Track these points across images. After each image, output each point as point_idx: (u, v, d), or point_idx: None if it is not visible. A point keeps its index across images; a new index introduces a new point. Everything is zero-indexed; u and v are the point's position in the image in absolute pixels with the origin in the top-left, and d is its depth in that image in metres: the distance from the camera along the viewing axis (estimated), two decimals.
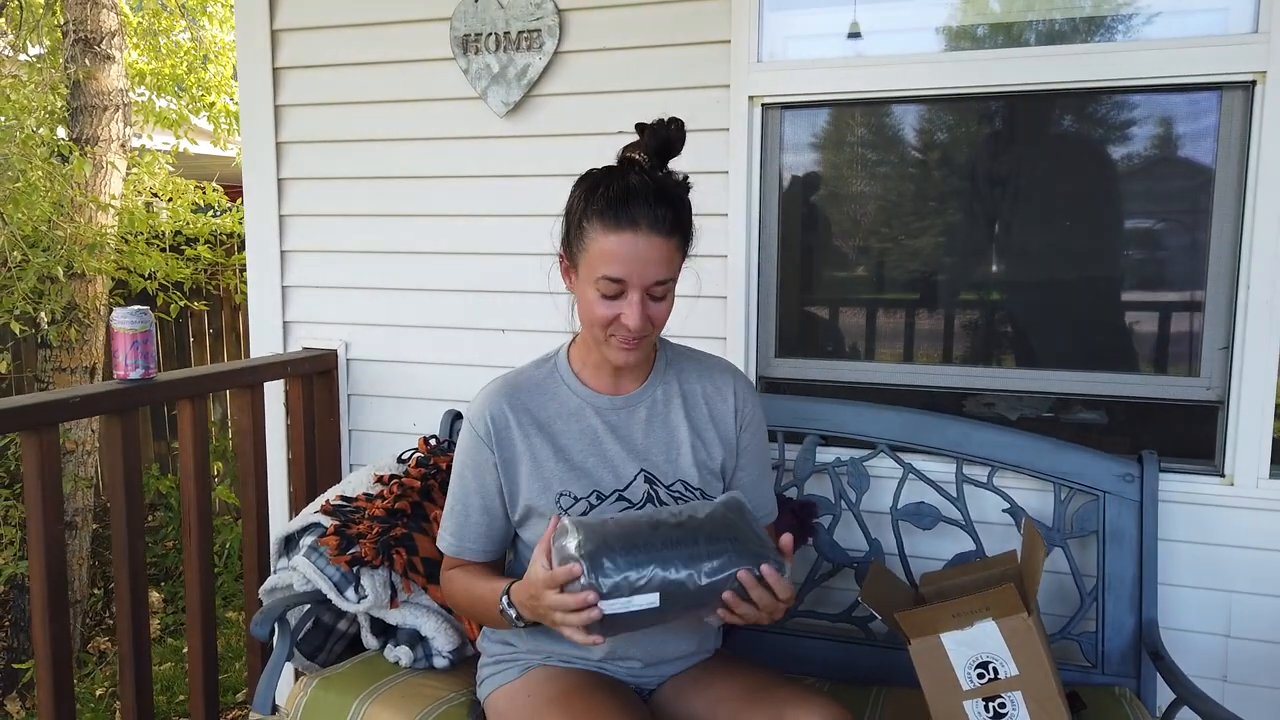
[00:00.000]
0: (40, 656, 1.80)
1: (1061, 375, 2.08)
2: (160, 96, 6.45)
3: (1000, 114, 2.10)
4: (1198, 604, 1.97)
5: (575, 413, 1.51)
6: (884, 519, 2.06)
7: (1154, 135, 2.01)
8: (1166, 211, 2.04)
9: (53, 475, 1.77)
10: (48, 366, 5.01)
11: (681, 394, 1.55)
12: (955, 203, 2.15)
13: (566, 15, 2.26)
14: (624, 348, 1.41)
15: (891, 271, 2.22)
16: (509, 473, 1.49)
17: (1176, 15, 1.94)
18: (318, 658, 1.94)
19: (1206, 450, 2.01)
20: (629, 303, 1.37)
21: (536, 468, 1.48)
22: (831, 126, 2.21)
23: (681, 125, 1.43)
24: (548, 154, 2.33)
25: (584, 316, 1.44)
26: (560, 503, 1.47)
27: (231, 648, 4.48)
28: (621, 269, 1.35)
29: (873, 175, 2.19)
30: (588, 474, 1.49)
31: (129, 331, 1.94)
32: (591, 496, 1.48)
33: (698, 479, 1.52)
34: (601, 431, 1.51)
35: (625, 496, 1.49)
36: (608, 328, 1.40)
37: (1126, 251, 2.07)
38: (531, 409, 1.51)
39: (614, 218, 1.35)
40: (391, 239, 2.49)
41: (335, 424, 2.54)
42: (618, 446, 1.51)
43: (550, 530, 1.28)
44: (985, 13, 2.08)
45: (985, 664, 1.50)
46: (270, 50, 2.50)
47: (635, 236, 1.34)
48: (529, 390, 1.53)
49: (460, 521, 1.53)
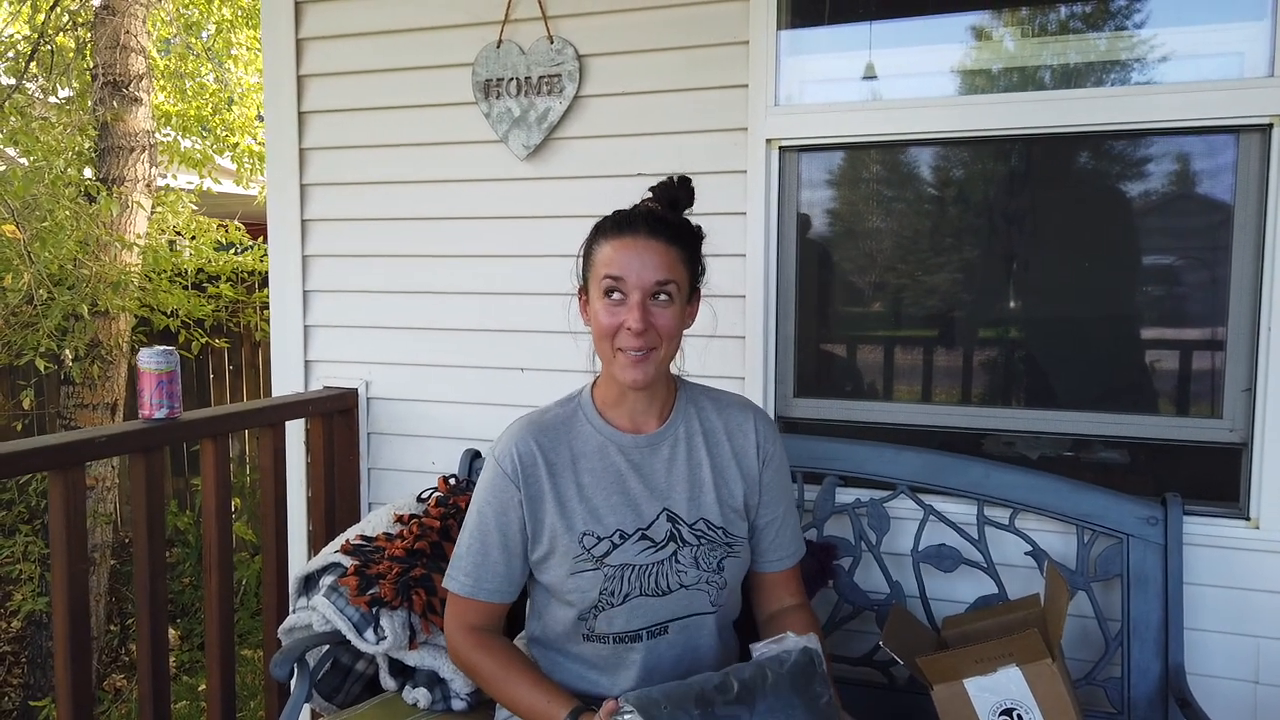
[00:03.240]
0: (62, 695, 1.80)
1: (1083, 416, 2.07)
2: (185, 137, 6.58)
3: (1015, 155, 2.11)
4: (1225, 650, 1.94)
5: (599, 451, 1.52)
6: (905, 561, 2.05)
7: (1171, 174, 2.02)
8: (1185, 252, 2.05)
9: (78, 514, 1.79)
10: (70, 403, 5.07)
11: (703, 431, 1.56)
12: (973, 242, 2.16)
13: (587, 60, 2.30)
14: (631, 362, 1.43)
15: (909, 311, 2.23)
16: (533, 511, 1.49)
17: (1192, 59, 1.96)
18: (335, 698, 1.93)
19: (1230, 493, 1.99)
20: (629, 304, 1.42)
21: (561, 507, 1.49)
22: (848, 168, 2.23)
23: (688, 182, 1.55)
24: (567, 196, 2.36)
25: (595, 335, 1.48)
26: (584, 542, 1.47)
27: (246, 686, 4.47)
28: (620, 268, 1.42)
29: (889, 215, 2.21)
30: (611, 512, 1.49)
31: (155, 371, 1.96)
32: (615, 536, 1.48)
33: (720, 517, 1.52)
34: (625, 470, 1.52)
35: (648, 535, 1.49)
36: (614, 338, 1.44)
37: (1147, 292, 2.07)
38: (557, 447, 1.51)
39: (614, 228, 1.47)
40: (412, 279, 2.52)
41: (355, 462, 2.56)
42: (640, 485, 1.51)
43: (606, 713, 1.29)
44: (1001, 55, 2.10)
45: (1009, 710, 1.48)
46: (296, 94, 2.55)
47: (634, 239, 1.43)
48: (554, 429, 1.54)
49: (478, 561, 1.51)
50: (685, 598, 1.50)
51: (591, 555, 1.47)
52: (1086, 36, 2.04)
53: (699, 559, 1.50)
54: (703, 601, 1.51)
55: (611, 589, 1.46)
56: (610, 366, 1.48)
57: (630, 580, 1.47)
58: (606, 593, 1.46)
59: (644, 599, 1.48)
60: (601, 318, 1.44)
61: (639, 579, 1.48)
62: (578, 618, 1.49)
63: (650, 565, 1.48)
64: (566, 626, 1.51)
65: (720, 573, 1.51)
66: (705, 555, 1.50)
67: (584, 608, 1.47)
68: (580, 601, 1.47)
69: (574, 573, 1.47)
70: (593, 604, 1.47)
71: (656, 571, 1.48)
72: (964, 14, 2.12)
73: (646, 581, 1.48)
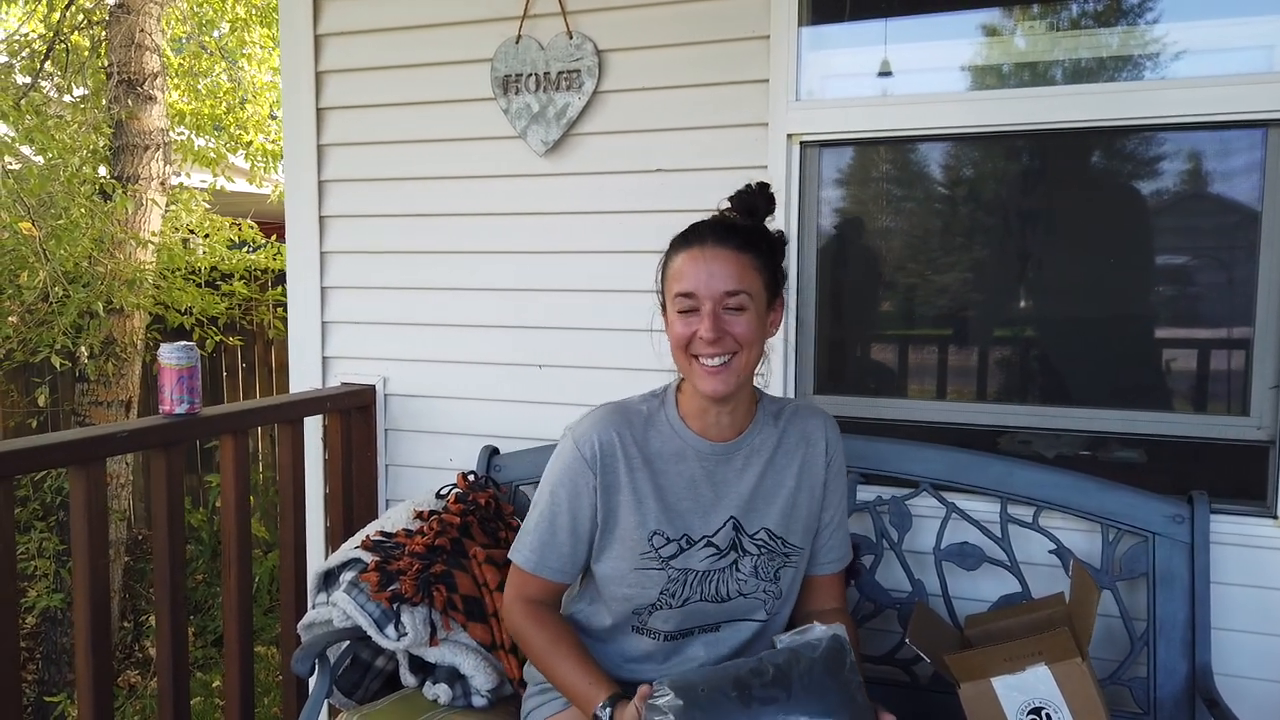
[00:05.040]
0: (82, 688, 1.80)
1: (1107, 414, 2.05)
2: (199, 136, 6.59)
3: (1042, 149, 2.09)
4: (1253, 650, 1.91)
5: (678, 454, 1.52)
6: (927, 559, 2.03)
7: (1196, 170, 2.00)
8: (1210, 247, 2.02)
9: (99, 509, 1.78)
10: (85, 400, 5.09)
11: (778, 443, 1.56)
12: (995, 238, 2.15)
13: (606, 56, 2.29)
14: (708, 372, 1.43)
15: (930, 308, 2.21)
16: (607, 500, 1.50)
17: (1218, 54, 1.94)
18: (355, 694, 1.93)
19: (1256, 492, 1.97)
20: (702, 314, 1.41)
21: (637, 502, 1.50)
22: (870, 164, 2.22)
23: (767, 188, 1.51)
24: (586, 192, 2.35)
25: (671, 347, 1.48)
26: (653, 540, 1.49)
27: (261, 683, 4.47)
28: (690, 283, 1.42)
29: (910, 211, 2.19)
30: (681, 517, 1.51)
31: (176, 367, 1.96)
32: (682, 540, 1.50)
33: (782, 528, 1.54)
34: (700, 477, 1.52)
35: (713, 542, 1.51)
36: (688, 347, 1.44)
37: (1171, 289, 2.05)
38: (639, 442, 1.52)
39: (683, 240, 1.47)
40: (430, 275, 2.52)
41: (372, 459, 2.55)
42: (712, 494, 1.52)
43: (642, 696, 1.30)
44: (1026, 49, 2.08)
45: (1038, 710, 1.47)
46: (314, 90, 2.55)
47: (702, 249, 1.43)
48: (639, 424, 1.54)
49: (545, 539, 1.53)
50: (742, 605, 1.53)
51: (659, 555, 1.49)
52: (1118, 30, 2.02)
53: (758, 568, 1.52)
54: (758, 610, 1.55)
55: (673, 590, 1.49)
56: (690, 378, 1.48)
57: (692, 585, 1.50)
58: (667, 594, 1.49)
59: (702, 604, 1.51)
60: (676, 328, 1.45)
61: (700, 585, 1.51)
62: (632, 611, 1.52)
63: (711, 572, 1.51)
64: (618, 618, 1.55)
65: (776, 582, 1.54)
66: (764, 565, 1.53)
67: (641, 604, 1.51)
68: (639, 598, 1.50)
69: (639, 568, 1.49)
70: (651, 602, 1.50)
71: (717, 579, 1.51)
72: (985, 9, 2.10)
73: (707, 588, 1.51)
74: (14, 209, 4.91)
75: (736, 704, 1.25)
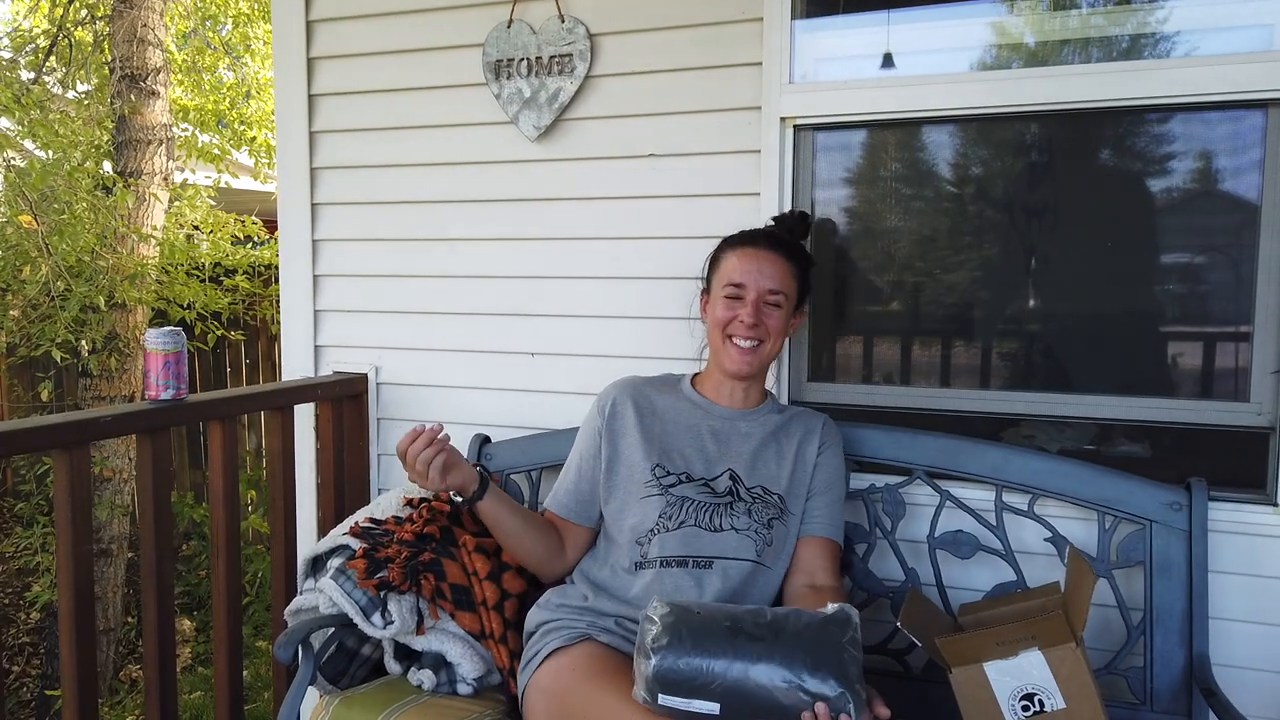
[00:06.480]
0: (66, 678, 1.79)
1: (1106, 400, 2.02)
2: (203, 132, 6.59)
3: (1040, 134, 2.06)
4: (1251, 639, 1.88)
5: (686, 412, 1.81)
6: (921, 548, 2.00)
7: (1196, 153, 1.96)
8: (1211, 232, 1.99)
9: (83, 494, 1.77)
10: (88, 395, 5.09)
11: (780, 427, 1.81)
12: (991, 222, 2.12)
13: (598, 39, 2.27)
14: (739, 352, 1.73)
15: (926, 295, 2.18)
16: (612, 439, 1.78)
17: (1218, 33, 1.90)
18: (340, 682, 1.91)
19: (1255, 480, 1.93)
20: (745, 303, 1.73)
21: (644, 441, 1.76)
22: (864, 147, 2.19)
23: (805, 215, 1.93)
24: (579, 177, 2.32)
25: (710, 327, 1.80)
26: (655, 471, 1.72)
27: (261, 677, 4.47)
28: (741, 274, 1.74)
29: (906, 196, 2.16)
30: (684, 458, 1.75)
31: (161, 352, 1.95)
32: (682, 475, 1.73)
33: (776, 485, 1.75)
34: (705, 432, 1.79)
35: (711, 485, 1.73)
36: (727, 327, 1.74)
37: (1171, 273, 2.01)
38: (651, 398, 1.83)
39: (740, 241, 1.81)
40: (422, 263, 2.50)
41: (364, 448, 2.54)
42: (715, 447, 1.77)
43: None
44: (1022, 30, 2.05)
45: (1030, 695, 1.44)
46: (306, 77, 2.53)
47: (756, 250, 1.76)
48: (653, 386, 1.86)
49: (560, 479, 1.86)
50: (734, 540, 1.68)
51: (660, 483, 1.71)
52: (1112, 10, 1.99)
53: (752, 511, 1.71)
54: (749, 549, 1.68)
55: (670, 514, 1.69)
56: (718, 356, 1.78)
57: (687, 511, 1.69)
58: (665, 516, 1.69)
59: (697, 529, 1.68)
60: (719, 311, 1.76)
61: (695, 511, 1.70)
62: (635, 542, 1.69)
63: (707, 504, 1.71)
64: (622, 559, 1.71)
65: (769, 530, 1.70)
66: (758, 511, 1.71)
67: (642, 532, 1.69)
68: (640, 525, 1.69)
69: (642, 497, 1.71)
70: (650, 527, 1.68)
71: (711, 510, 1.70)
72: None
73: (701, 515, 1.69)
74: (16, 204, 4.92)
75: (724, 633, 1.28)
